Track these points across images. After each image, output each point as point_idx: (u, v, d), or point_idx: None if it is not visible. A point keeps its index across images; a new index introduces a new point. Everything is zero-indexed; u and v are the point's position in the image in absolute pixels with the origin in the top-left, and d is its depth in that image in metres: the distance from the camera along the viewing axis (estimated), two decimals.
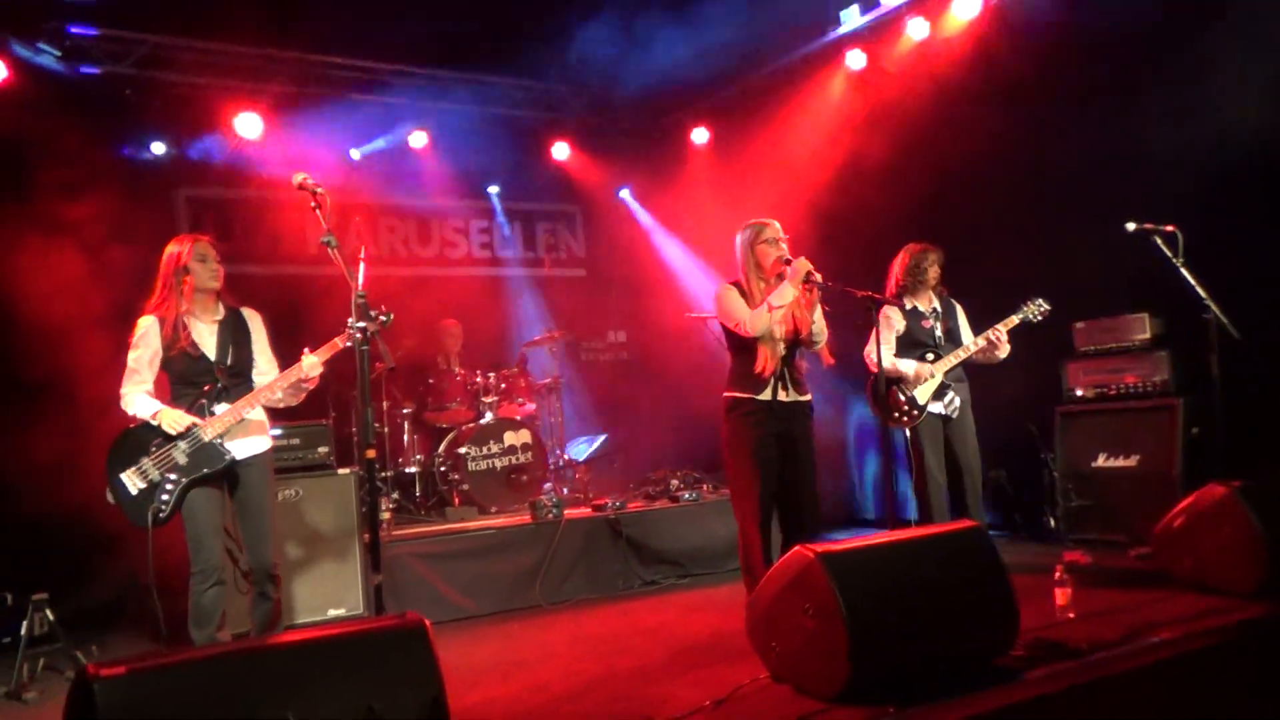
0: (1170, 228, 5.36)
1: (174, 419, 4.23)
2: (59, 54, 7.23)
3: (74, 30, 7.23)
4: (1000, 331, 5.61)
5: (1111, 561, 5.72)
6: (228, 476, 4.38)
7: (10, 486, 6.27)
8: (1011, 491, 6.97)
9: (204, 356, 4.36)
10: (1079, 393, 6.60)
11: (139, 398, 4.31)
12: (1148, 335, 6.29)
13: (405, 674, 2.85)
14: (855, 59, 7.75)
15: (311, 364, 4.29)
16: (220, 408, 4.33)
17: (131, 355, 4.35)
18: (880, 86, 7.67)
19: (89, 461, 6.08)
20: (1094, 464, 6.39)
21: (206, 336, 4.41)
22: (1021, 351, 6.41)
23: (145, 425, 4.27)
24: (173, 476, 4.21)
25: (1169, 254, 5.34)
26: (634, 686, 4.14)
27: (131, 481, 4.21)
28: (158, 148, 7.80)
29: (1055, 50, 6.56)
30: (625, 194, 9.98)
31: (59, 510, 6.29)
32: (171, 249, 4.42)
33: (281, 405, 4.48)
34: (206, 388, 4.35)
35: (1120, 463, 6.26)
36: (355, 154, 8.60)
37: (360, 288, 3.71)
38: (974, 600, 3.70)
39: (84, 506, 6.25)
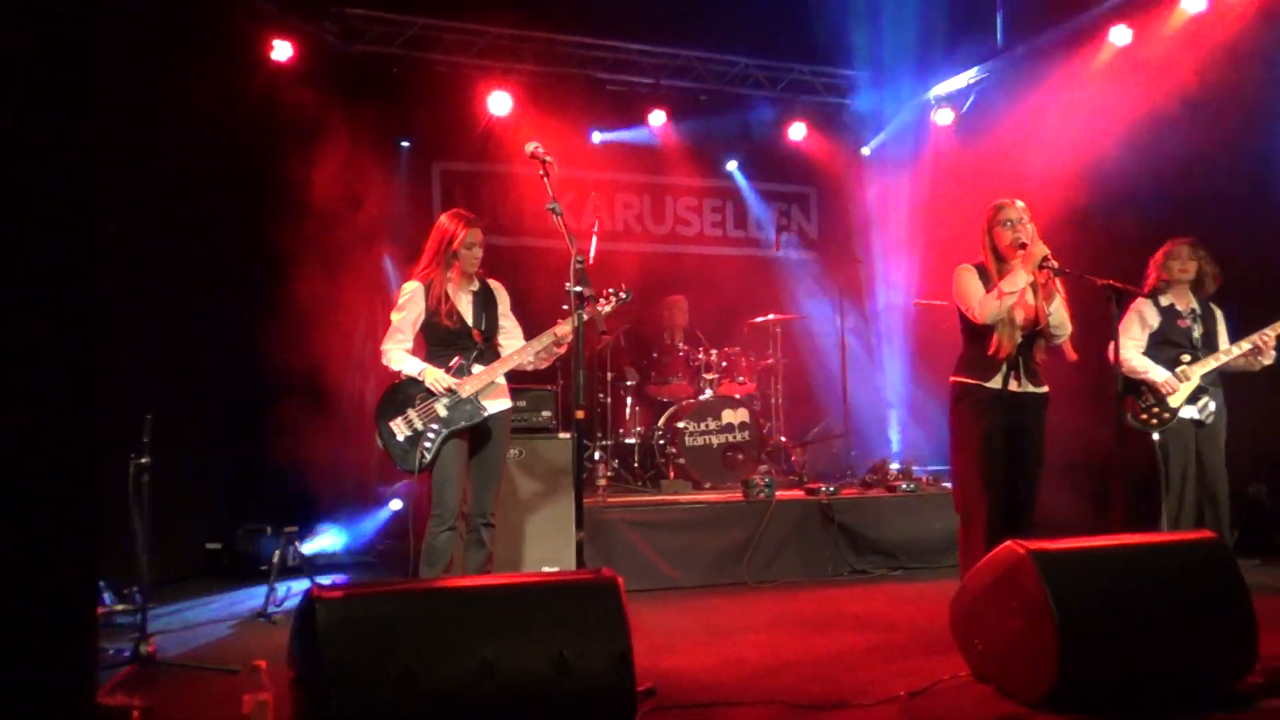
0: None
1: (437, 377, 4.59)
2: (338, 34, 7.89)
3: (352, 12, 7.86)
4: (1269, 336, 5.17)
5: None
6: (474, 431, 4.71)
7: (285, 431, 6.89)
8: (1271, 509, 6.33)
9: (463, 322, 4.72)
10: None
11: (400, 354, 4.68)
12: None
13: (596, 626, 2.94)
14: (1120, 35, 7.22)
15: (565, 331, 4.57)
16: (477, 368, 4.68)
17: (396, 315, 4.72)
18: (1148, 64, 7.10)
19: (349, 411, 6.70)
20: None
21: (465, 305, 4.76)
22: None
23: (410, 380, 4.63)
24: (435, 427, 4.56)
25: None
26: (831, 669, 4.09)
27: (399, 429, 4.57)
28: (418, 123, 8.33)
29: None
30: (866, 151, 9.77)
31: (321, 453, 6.91)
32: (445, 224, 4.74)
33: (530, 368, 4.80)
34: (465, 350, 4.69)
35: None
36: (597, 137, 8.88)
37: (579, 253, 3.84)
38: (1206, 616, 3.41)
39: (344, 452, 6.90)
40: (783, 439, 8.03)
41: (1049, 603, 3.25)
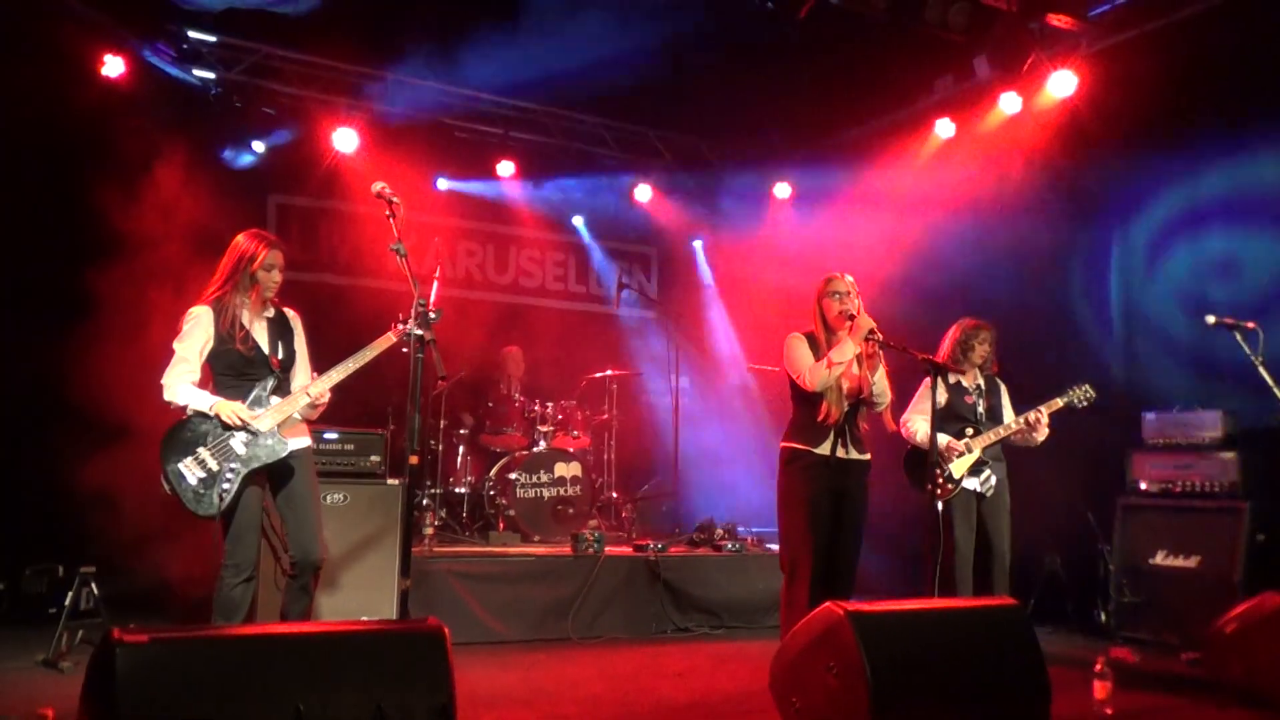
0: (1251, 324, 5.22)
1: (234, 409, 4.15)
2: (175, 56, 7.58)
3: (192, 35, 7.56)
4: (1042, 414, 5.50)
5: (1160, 663, 5.51)
6: (274, 470, 4.31)
7: (86, 466, 6.44)
8: (1065, 580, 6.74)
9: (259, 350, 4.32)
10: (1143, 486, 6.40)
11: (186, 388, 4.21)
12: (1219, 434, 6.08)
13: (417, 678, 2.85)
14: (944, 128, 7.74)
15: (319, 390, 4.28)
16: (275, 400, 4.30)
17: (180, 344, 4.24)
18: (967, 157, 7.62)
19: (156, 444, 6.28)
20: (1152, 561, 6.18)
21: (260, 331, 4.36)
22: (1087, 437, 6.27)
23: (199, 415, 4.18)
24: (234, 466, 4.15)
25: (1248, 351, 5.19)
26: None
27: (190, 471, 4.12)
28: (255, 154, 8.06)
29: (1147, 134, 6.51)
30: (698, 245, 10.12)
31: (120, 491, 6.47)
32: (243, 243, 4.33)
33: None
34: (261, 381, 4.30)
35: (1180, 562, 6.04)
36: (443, 184, 8.83)
37: (420, 296, 3.77)
38: (1004, 678, 3.60)
39: (143, 489, 6.47)
40: (614, 494, 8.07)
41: (863, 662, 3.36)
